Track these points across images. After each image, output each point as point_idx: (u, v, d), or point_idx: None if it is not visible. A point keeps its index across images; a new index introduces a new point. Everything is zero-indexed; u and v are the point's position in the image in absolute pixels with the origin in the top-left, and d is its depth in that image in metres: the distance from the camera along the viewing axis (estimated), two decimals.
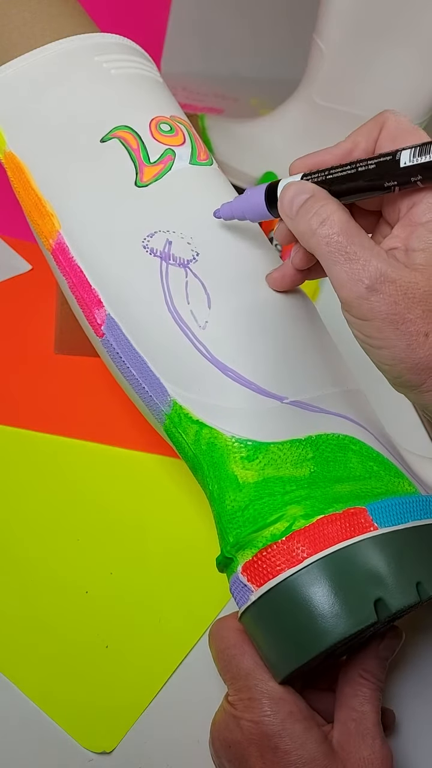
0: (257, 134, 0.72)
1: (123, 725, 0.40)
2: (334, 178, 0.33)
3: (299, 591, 0.32)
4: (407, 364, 0.30)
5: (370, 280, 0.30)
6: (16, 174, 0.40)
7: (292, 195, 0.33)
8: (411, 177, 0.30)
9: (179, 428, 0.37)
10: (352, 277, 0.30)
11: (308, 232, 0.32)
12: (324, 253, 0.31)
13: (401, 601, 0.32)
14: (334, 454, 0.36)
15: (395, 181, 0.31)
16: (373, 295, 0.30)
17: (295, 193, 0.33)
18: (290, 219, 0.33)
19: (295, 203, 0.33)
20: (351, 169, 0.32)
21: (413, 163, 0.30)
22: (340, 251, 0.30)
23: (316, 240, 0.31)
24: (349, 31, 0.62)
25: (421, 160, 0.30)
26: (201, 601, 0.44)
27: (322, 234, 0.31)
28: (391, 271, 0.30)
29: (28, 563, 0.45)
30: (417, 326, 0.30)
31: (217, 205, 0.40)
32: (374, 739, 0.33)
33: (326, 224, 0.31)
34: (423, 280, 0.30)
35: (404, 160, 0.31)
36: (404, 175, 0.31)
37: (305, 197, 0.33)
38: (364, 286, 0.30)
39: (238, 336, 0.36)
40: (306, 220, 0.32)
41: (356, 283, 0.30)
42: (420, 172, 0.30)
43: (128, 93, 0.41)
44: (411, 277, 0.30)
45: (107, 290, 0.38)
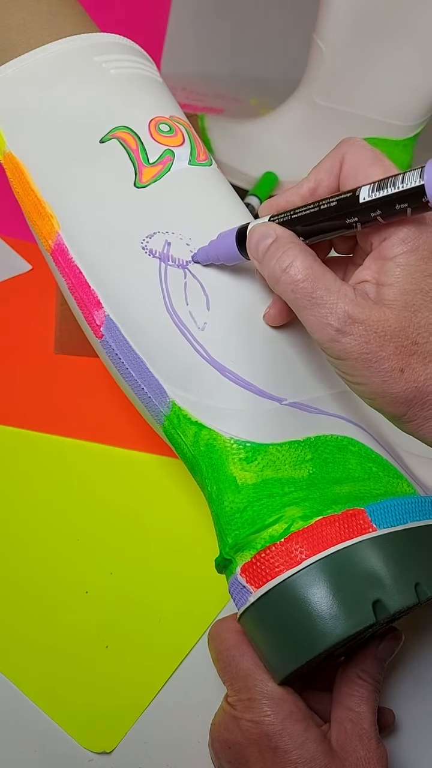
0: (257, 134, 0.72)
1: (123, 725, 0.40)
2: (298, 217, 0.33)
3: (298, 592, 0.32)
4: (386, 399, 0.30)
5: (339, 323, 0.30)
6: (16, 174, 0.40)
7: (257, 239, 0.33)
8: (371, 213, 0.30)
9: (178, 429, 0.37)
10: (320, 321, 0.30)
11: (273, 279, 0.32)
12: (291, 300, 0.31)
13: (400, 603, 0.32)
14: (333, 456, 0.36)
15: (356, 218, 0.31)
16: (343, 337, 0.30)
17: (260, 237, 0.33)
18: (257, 263, 0.33)
19: (260, 248, 0.33)
20: (314, 208, 0.32)
21: (372, 198, 0.30)
22: (306, 297, 0.30)
23: (282, 287, 0.31)
24: (349, 31, 0.62)
25: (379, 195, 0.30)
26: (201, 602, 0.44)
27: (286, 281, 0.31)
28: (359, 312, 0.30)
29: (28, 563, 0.45)
30: (391, 363, 0.30)
31: (217, 206, 0.40)
32: (370, 739, 0.34)
33: (290, 271, 0.31)
34: (392, 317, 0.30)
35: (363, 195, 0.30)
36: (364, 211, 0.30)
37: (269, 241, 0.32)
38: (333, 329, 0.30)
39: (236, 337, 0.36)
40: (270, 267, 0.32)
41: (325, 327, 0.30)
42: (380, 207, 0.30)
43: (128, 93, 0.41)
44: (380, 315, 0.30)
45: (106, 291, 0.38)
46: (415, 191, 0.29)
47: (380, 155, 0.32)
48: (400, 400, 0.30)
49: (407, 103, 0.67)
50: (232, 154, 0.71)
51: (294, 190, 0.34)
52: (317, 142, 0.71)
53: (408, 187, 0.29)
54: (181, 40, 0.93)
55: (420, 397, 0.30)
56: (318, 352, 0.38)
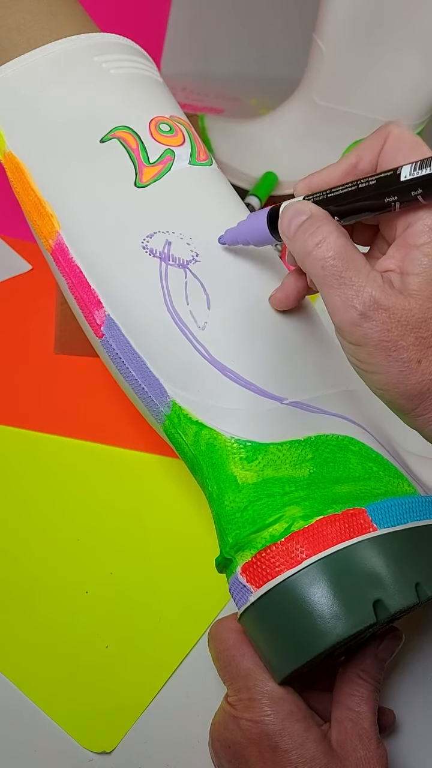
0: (257, 134, 0.72)
1: (123, 725, 0.40)
2: (335, 197, 0.32)
3: (298, 592, 0.32)
4: (399, 390, 0.30)
5: (363, 307, 0.29)
6: (16, 174, 0.40)
7: (290, 215, 0.33)
8: (411, 191, 0.30)
9: (178, 429, 0.37)
10: (345, 302, 0.30)
11: (304, 253, 0.31)
12: (318, 276, 0.30)
13: (400, 602, 0.32)
14: (334, 455, 0.36)
15: (395, 197, 0.30)
16: (366, 322, 0.29)
17: (294, 213, 0.32)
18: (288, 239, 0.33)
19: (293, 224, 0.32)
20: (351, 187, 0.32)
21: (414, 176, 0.30)
22: (335, 275, 0.30)
23: (311, 262, 0.31)
24: (349, 31, 0.62)
25: (421, 173, 0.30)
26: (201, 602, 0.44)
27: (317, 256, 0.30)
28: (385, 298, 0.29)
29: (28, 563, 0.45)
30: (409, 353, 0.29)
31: (217, 205, 0.40)
32: (370, 739, 0.34)
33: (322, 246, 0.30)
34: (417, 307, 0.29)
35: (405, 174, 0.30)
36: (405, 189, 0.30)
37: (303, 218, 0.32)
38: (357, 312, 0.29)
39: (237, 337, 0.36)
40: (302, 241, 0.31)
41: (349, 309, 0.29)
42: (420, 186, 0.30)
43: (128, 93, 0.41)
44: (405, 304, 0.29)
45: (107, 291, 0.38)
46: None
47: (422, 142, 0.32)
48: (413, 393, 0.30)
49: (407, 103, 0.67)
50: (232, 154, 0.71)
51: (334, 166, 0.34)
52: (317, 142, 0.71)
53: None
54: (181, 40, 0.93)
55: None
56: (319, 351, 0.38)
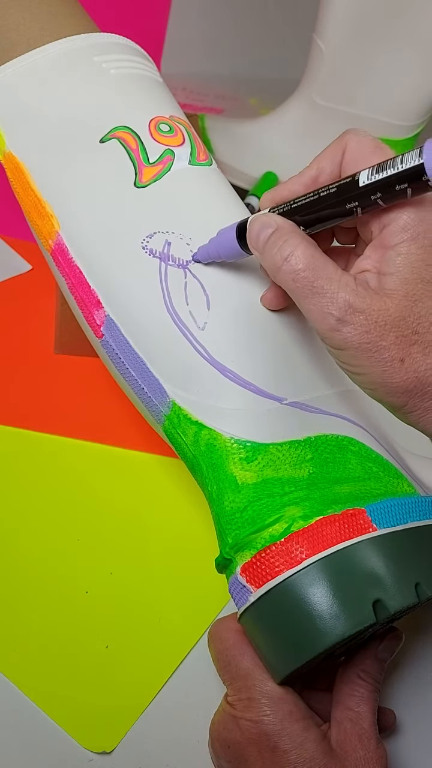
0: (257, 134, 0.72)
1: (123, 725, 0.40)
2: (298, 207, 0.33)
3: (298, 592, 0.32)
4: (386, 389, 0.30)
5: (339, 312, 0.30)
6: (16, 174, 0.40)
7: (257, 229, 0.33)
8: (371, 196, 0.30)
9: (178, 429, 0.37)
10: (321, 310, 0.30)
11: (274, 268, 0.31)
12: (291, 289, 0.31)
13: (400, 602, 0.32)
14: (333, 455, 0.36)
15: (356, 202, 0.31)
16: (344, 327, 0.30)
17: (261, 227, 0.33)
18: (258, 254, 0.33)
19: (260, 238, 0.33)
20: (314, 196, 0.32)
21: (371, 180, 0.30)
22: (307, 287, 0.30)
23: (282, 276, 0.31)
24: (349, 31, 0.62)
25: (378, 177, 0.30)
26: (201, 602, 0.44)
27: (287, 270, 0.31)
28: (359, 301, 0.30)
29: (28, 563, 0.45)
30: (391, 353, 0.30)
31: (217, 206, 0.40)
32: (370, 739, 0.34)
33: (291, 260, 0.31)
34: (393, 306, 0.30)
35: (363, 179, 0.30)
36: (365, 195, 0.30)
37: (269, 231, 0.32)
38: (334, 318, 0.30)
39: (237, 337, 0.36)
40: (271, 256, 0.32)
41: (326, 316, 0.30)
42: (380, 190, 0.30)
43: (127, 93, 0.41)
44: (381, 305, 0.30)
45: (106, 291, 0.38)
46: (415, 170, 0.29)
47: (382, 144, 0.32)
48: (400, 390, 0.30)
49: (407, 103, 0.67)
50: (232, 154, 0.71)
51: (295, 179, 0.34)
52: (317, 142, 0.70)
53: (407, 167, 0.29)
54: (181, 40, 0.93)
55: (420, 387, 0.30)
56: (318, 351, 0.38)
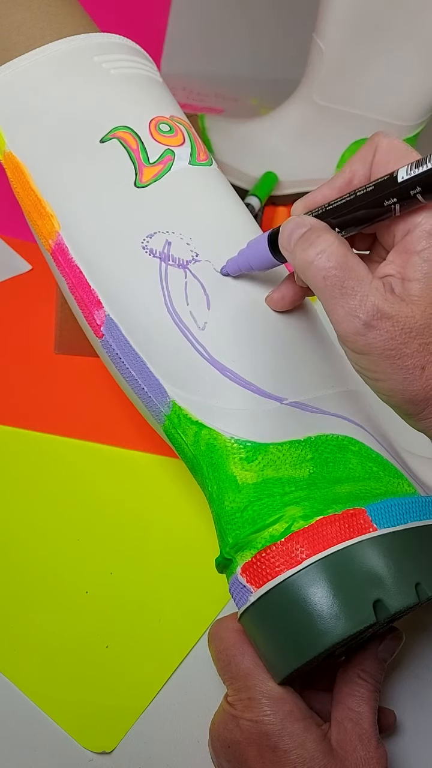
0: (257, 134, 0.72)
1: (123, 725, 0.40)
2: (333, 209, 0.32)
3: (298, 592, 0.32)
4: (405, 396, 0.30)
5: (367, 317, 0.29)
6: (16, 174, 0.40)
7: (290, 229, 0.32)
8: (410, 191, 0.30)
9: (178, 429, 0.37)
10: (348, 312, 0.29)
11: (305, 264, 0.31)
12: (320, 287, 0.30)
13: (400, 602, 0.32)
14: (334, 455, 0.36)
15: (395, 198, 0.30)
16: (370, 332, 0.29)
17: (294, 227, 0.32)
18: (289, 253, 0.32)
19: (293, 236, 0.32)
20: (349, 196, 0.32)
21: (411, 176, 0.30)
22: (336, 285, 0.30)
23: (312, 272, 0.30)
24: (349, 31, 0.62)
25: (418, 172, 0.30)
26: (201, 602, 0.44)
27: (318, 266, 0.30)
28: (388, 306, 0.29)
29: (28, 563, 0.45)
30: (414, 360, 0.29)
31: (217, 206, 0.40)
32: (370, 739, 0.34)
33: (323, 256, 0.30)
34: (419, 313, 0.29)
35: (402, 175, 0.30)
36: (403, 190, 0.30)
37: (303, 230, 0.32)
38: (361, 322, 0.29)
39: (237, 337, 0.36)
40: (302, 251, 0.31)
41: (353, 319, 0.29)
42: (419, 185, 0.30)
43: (128, 93, 0.41)
44: (408, 311, 0.29)
45: (107, 291, 0.38)
46: None
47: (411, 148, 0.32)
48: (418, 398, 0.30)
49: (407, 103, 0.67)
50: (232, 154, 0.71)
51: (328, 184, 0.34)
52: (317, 142, 0.71)
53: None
54: (181, 40, 0.93)
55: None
56: (319, 351, 0.38)
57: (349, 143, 0.70)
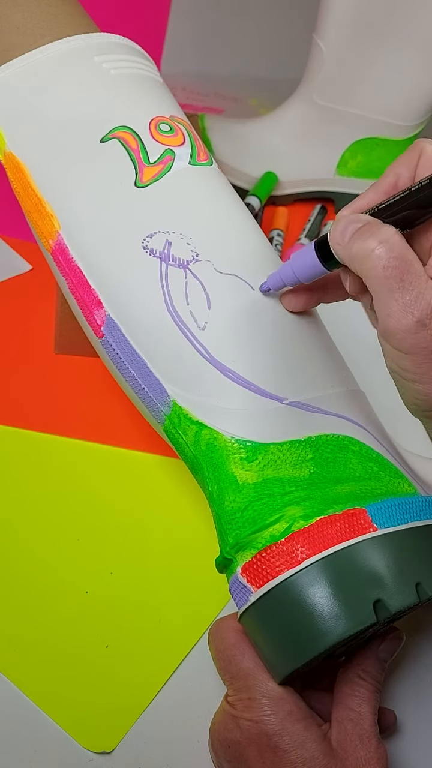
0: (257, 134, 0.72)
1: (123, 725, 0.40)
2: (386, 206, 0.31)
3: (298, 592, 0.32)
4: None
5: (421, 314, 0.28)
6: (16, 174, 0.40)
7: (344, 225, 0.31)
8: None
9: (179, 429, 0.37)
10: (403, 308, 0.28)
11: (365, 252, 0.29)
12: (378, 277, 0.29)
13: (400, 602, 0.32)
14: (334, 455, 0.36)
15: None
16: (421, 330, 0.28)
17: (348, 222, 0.31)
18: (342, 247, 0.31)
19: (348, 230, 0.31)
20: (403, 193, 0.31)
21: None
22: (396, 277, 0.29)
23: (372, 262, 0.29)
24: (349, 31, 0.62)
25: None
26: (201, 601, 0.44)
27: (380, 255, 0.29)
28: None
29: (28, 563, 0.45)
30: None
31: (218, 206, 0.40)
32: (370, 739, 0.34)
33: (384, 246, 0.29)
34: None
35: None
36: None
37: (359, 225, 0.31)
38: (414, 319, 0.28)
39: (237, 337, 0.36)
40: (362, 241, 0.30)
41: (406, 315, 0.28)
42: None
43: (128, 93, 0.41)
44: None
45: (107, 291, 0.38)
46: None
47: None
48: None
49: (407, 103, 0.67)
50: (232, 154, 0.71)
51: (373, 189, 0.33)
52: (317, 142, 0.71)
53: None
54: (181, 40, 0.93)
55: None
56: (319, 351, 0.38)
57: (349, 143, 0.70)
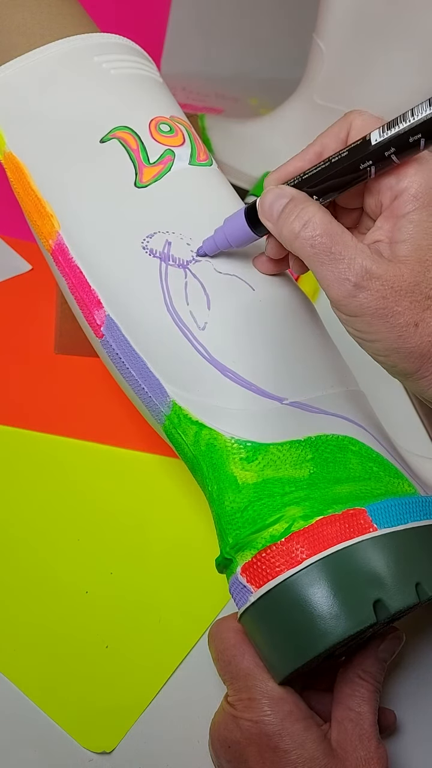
0: (257, 134, 0.72)
1: (123, 725, 0.40)
2: (309, 177, 0.33)
3: (298, 592, 0.32)
4: (401, 354, 0.31)
5: (356, 278, 0.30)
6: (16, 174, 0.40)
7: (271, 200, 0.33)
8: (385, 152, 0.30)
9: (178, 429, 0.37)
10: (338, 276, 0.30)
11: (291, 236, 0.32)
12: (309, 255, 0.31)
13: (400, 602, 0.32)
14: (334, 455, 0.36)
15: (369, 161, 0.31)
16: (361, 292, 0.30)
17: (275, 197, 0.33)
18: (272, 224, 0.33)
19: (275, 208, 0.33)
20: (324, 164, 0.32)
21: (384, 137, 0.30)
22: (325, 252, 0.31)
23: (300, 243, 0.31)
24: (349, 31, 0.62)
25: (391, 133, 0.30)
26: (201, 601, 0.44)
27: (305, 236, 0.31)
28: (376, 267, 0.30)
29: (28, 563, 0.45)
30: (406, 317, 0.30)
31: (217, 206, 0.40)
32: (370, 740, 0.34)
33: (308, 226, 0.31)
34: (407, 272, 0.30)
35: (375, 137, 0.31)
36: (378, 152, 0.30)
37: (284, 201, 0.33)
38: (351, 284, 0.30)
39: (237, 337, 0.36)
40: (288, 224, 0.32)
41: (343, 282, 0.30)
42: (393, 145, 0.30)
43: (128, 93, 0.41)
44: (396, 270, 0.30)
45: (107, 291, 0.38)
46: (428, 120, 0.29)
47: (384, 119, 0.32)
48: (414, 355, 0.31)
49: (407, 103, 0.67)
50: (232, 154, 0.71)
51: (298, 157, 0.34)
52: None
53: (419, 118, 0.29)
54: (181, 40, 0.93)
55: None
56: (319, 351, 0.38)
57: None
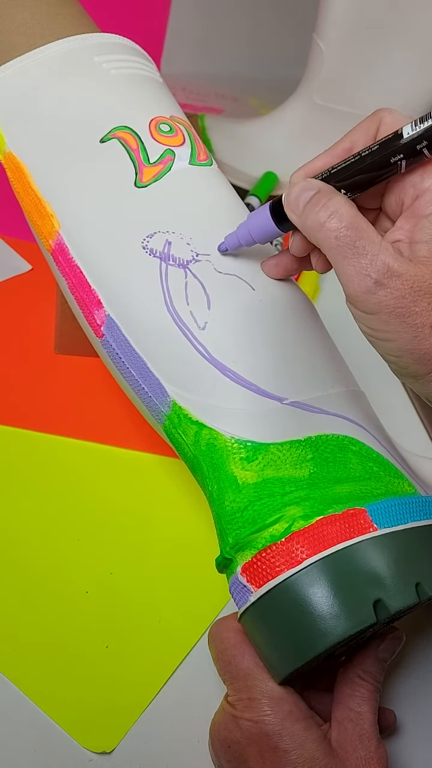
0: (257, 134, 0.72)
1: (123, 725, 0.40)
2: (337, 171, 0.33)
3: (298, 592, 0.32)
4: (414, 356, 0.31)
5: (378, 275, 0.30)
6: (16, 174, 0.40)
7: (298, 191, 0.33)
8: (417, 146, 0.30)
9: (178, 429, 0.37)
10: (359, 271, 0.30)
11: (316, 226, 0.31)
12: (332, 247, 0.31)
13: (400, 602, 0.32)
14: (334, 455, 0.36)
15: (401, 155, 0.31)
16: (381, 290, 0.30)
17: (302, 189, 0.33)
18: (297, 216, 0.33)
19: (301, 199, 0.33)
20: (354, 158, 0.32)
21: (417, 131, 0.30)
22: (348, 245, 0.30)
23: (324, 233, 0.31)
24: (349, 31, 0.62)
25: (424, 126, 0.30)
26: (201, 601, 0.44)
27: (330, 227, 0.31)
28: (398, 265, 0.30)
29: (28, 563, 0.45)
30: (423, 318, 0.30)
31: (217, 205, 0.40)
32: (370, 740, 0.34)
33: (335, 218, 0.31)
34: (428, 273, 0.30)
35: (407, 131, 0.31)
36: (410, 146, 0.30)
37: (311, 193, 0.32)
38: (372, 280, 0.30)
39: (237, 337, 0.36)
40: (314, 214, 0.32)
41: (364, 277, 0.30)
42: (425, 139, 0.30)
43: (128, 93, 0.41)
44: (417, 271, 0.30)
45: (107, 291, 0.38)
46: None
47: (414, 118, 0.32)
48: (427, 357, 0.31)
49: (407, 103, 0.67)
50: (232, 154, 0.71)
51: (327, 152, 0.34)
52: (317, 142, 0.70)
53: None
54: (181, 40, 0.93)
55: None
56: (319, 351, 0.38)
57: None
